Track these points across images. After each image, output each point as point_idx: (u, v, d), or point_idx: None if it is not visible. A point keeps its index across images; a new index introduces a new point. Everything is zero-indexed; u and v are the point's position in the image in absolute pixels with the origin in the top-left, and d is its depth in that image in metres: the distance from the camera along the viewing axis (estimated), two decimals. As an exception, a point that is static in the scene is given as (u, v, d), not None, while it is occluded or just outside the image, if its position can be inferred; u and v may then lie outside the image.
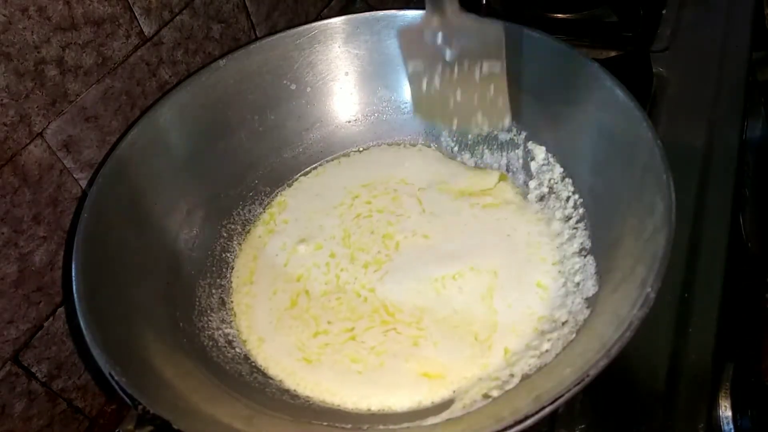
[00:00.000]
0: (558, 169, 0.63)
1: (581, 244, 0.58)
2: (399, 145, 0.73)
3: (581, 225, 0.59)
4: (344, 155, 0.72)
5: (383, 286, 0.60)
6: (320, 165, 0.72)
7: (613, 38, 0.81)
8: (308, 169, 0.71)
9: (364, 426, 0.50)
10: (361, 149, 0.73)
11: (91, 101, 0.56)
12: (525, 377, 0.49)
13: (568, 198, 0.61)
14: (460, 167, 0.70)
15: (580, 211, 0.60)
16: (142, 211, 0.58)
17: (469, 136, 0.70)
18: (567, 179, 0.62)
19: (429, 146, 0.72)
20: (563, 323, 0.53)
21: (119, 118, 0.59)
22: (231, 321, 0.59)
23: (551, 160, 0.64)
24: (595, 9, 0.82)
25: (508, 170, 0.68)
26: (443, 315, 0.57)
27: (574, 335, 0.49)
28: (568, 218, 0.60)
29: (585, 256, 0.57)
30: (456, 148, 0.71)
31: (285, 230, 0.66)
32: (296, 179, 0.71)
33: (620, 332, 0.41)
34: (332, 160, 0.72)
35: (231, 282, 0.63)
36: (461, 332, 0.56)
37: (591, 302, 0.51)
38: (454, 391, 0.52)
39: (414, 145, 0.73)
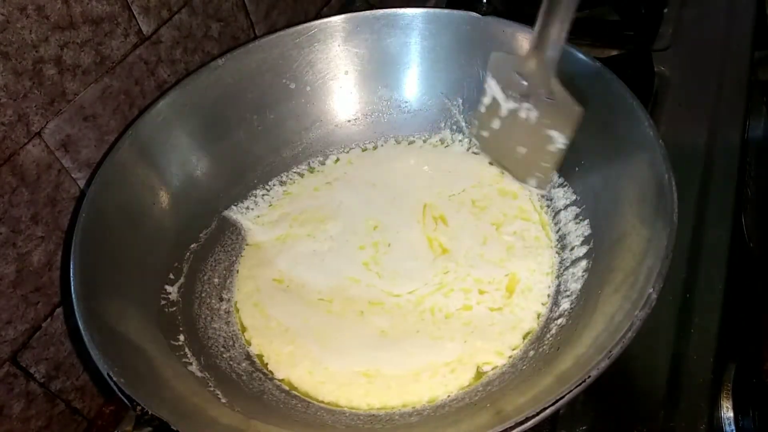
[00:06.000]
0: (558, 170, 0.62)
1: (582, 244, 0.58)
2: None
3: (582, 225, 0.59)
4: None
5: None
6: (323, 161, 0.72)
7: (615, 37, 0.81)
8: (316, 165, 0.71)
9: (362, 426, 0.50)
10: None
11: (89, 100, 0.56)
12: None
13: (569, 198, 0.61)
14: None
15: (581, 211, 0.59)
16: (141, 211, 0.58)
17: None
18: (568, 179, 0.62)
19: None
20: (561, 326, 0.53)
21: (117, 118, 0.59)
22: (231, 320, 0.59)
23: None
24: (596, 8, 0.82)
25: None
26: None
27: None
28: (569, 218, 0.60)
29: (586, 257, 0.56)
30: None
31: (286, 228, 0.66)
32: (296, 178, 0.70)
33: (622, 333, 0.41)
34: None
35: (231, 282, 0.62)
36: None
37: (592, 303, 0.51)
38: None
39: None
